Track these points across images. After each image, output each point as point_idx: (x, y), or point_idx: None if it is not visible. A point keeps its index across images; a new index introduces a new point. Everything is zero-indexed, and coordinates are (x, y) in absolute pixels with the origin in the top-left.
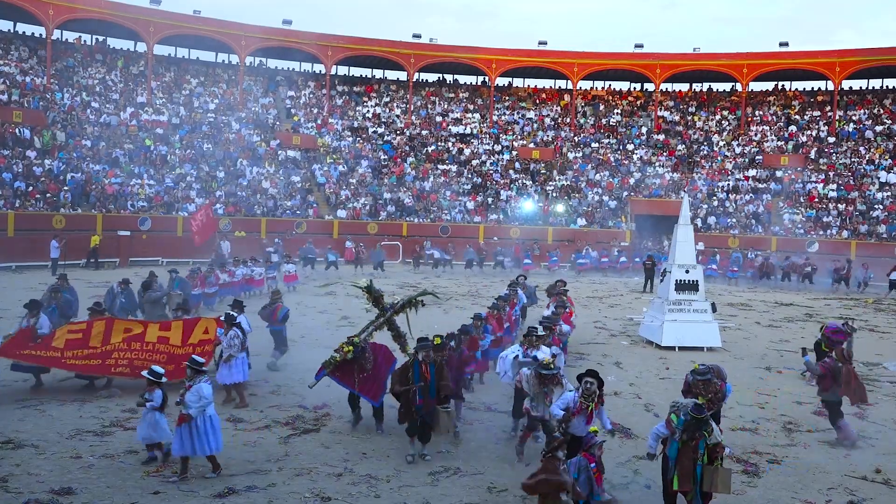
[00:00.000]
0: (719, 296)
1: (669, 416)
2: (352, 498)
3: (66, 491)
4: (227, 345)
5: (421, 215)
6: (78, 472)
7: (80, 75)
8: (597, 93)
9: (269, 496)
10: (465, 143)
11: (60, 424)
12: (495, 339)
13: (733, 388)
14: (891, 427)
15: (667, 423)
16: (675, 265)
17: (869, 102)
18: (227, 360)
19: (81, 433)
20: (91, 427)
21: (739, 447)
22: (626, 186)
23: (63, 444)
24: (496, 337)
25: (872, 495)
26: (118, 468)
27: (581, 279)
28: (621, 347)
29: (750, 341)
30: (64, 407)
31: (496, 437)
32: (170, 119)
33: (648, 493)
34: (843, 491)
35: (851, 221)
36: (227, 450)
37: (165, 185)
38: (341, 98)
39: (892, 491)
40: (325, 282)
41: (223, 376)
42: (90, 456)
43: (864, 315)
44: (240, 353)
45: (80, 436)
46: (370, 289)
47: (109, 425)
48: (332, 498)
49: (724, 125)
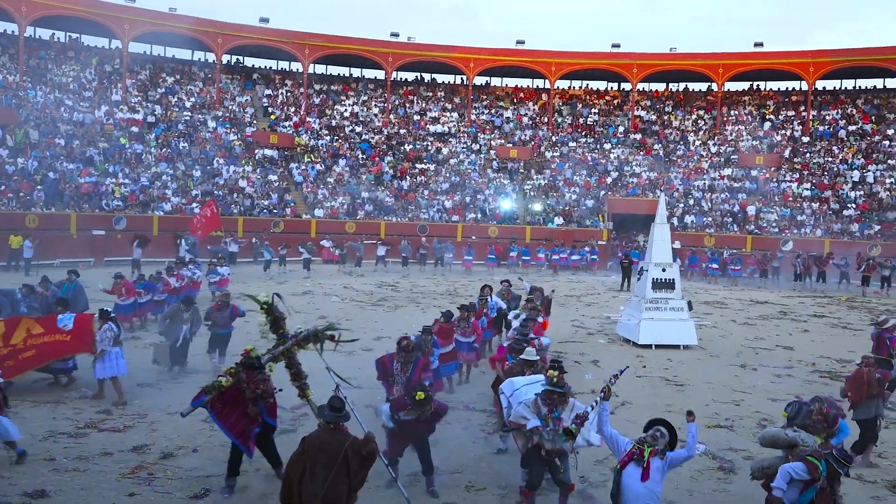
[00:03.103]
0: (695, 294)
1: (807, 459)
2: None
3: (40, 494)
4: (100, 339)
5: (399, 214)
6: (51, 475)
7: (53, 73)
8: (574, 92)
9: (245, 498)
10: (443, 143)
11: (33, 426)
12: (446, 353)
13: (711, 386)
14: None
15: (809, 468)
16: (651, 264)
17: (842, 102)
18: (99, 354)
19: (55, 435)
20: (65, 429)
21: (715, 444)
22: (603, 185)
23: (36, 446)
24: (446, 351)
25: (845, 490)
26: (93, 470)
27: (558, 278)
28: (598, 346)
29: (725, 339)
30: (37, 409)
31: (474, 436)
32: (145, 117)
33: None
34: None
35: (825, 220)
36: (203, 451)
37: (141, 184)
38: (319, 97)
39: (865, 486)
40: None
41: (98, 371)
42: (64, 458)
43: (837, 313)
44: (113, 348)
45: (54, 437)
46: (270, 308)
47: (84, 427)
48: None
49: (700, 125)
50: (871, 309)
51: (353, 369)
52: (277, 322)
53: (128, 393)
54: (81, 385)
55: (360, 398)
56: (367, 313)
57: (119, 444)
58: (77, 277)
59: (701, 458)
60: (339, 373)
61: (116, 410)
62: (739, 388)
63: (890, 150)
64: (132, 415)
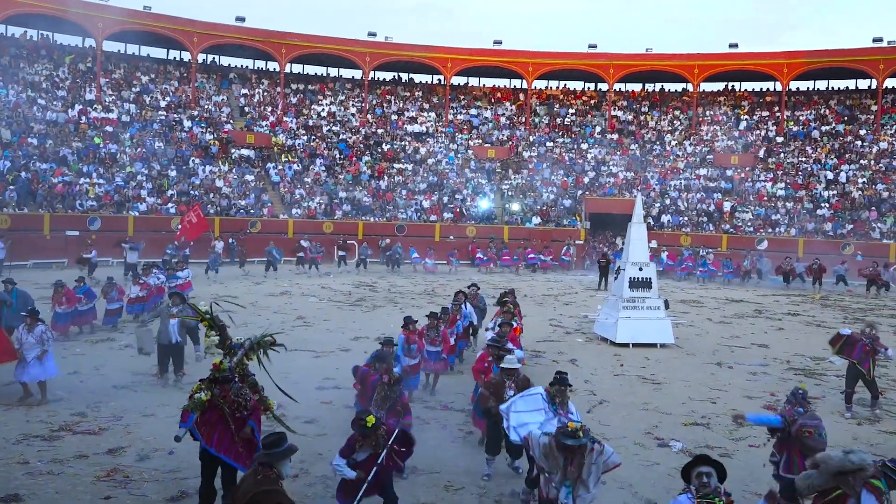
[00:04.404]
0: (672, 293)
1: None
2: (308, 499)
3: (13, 498)
4: (39, 339)
5: (377, 214)
6: (25, 478)
7: (25, 71)
8: (551, 92)
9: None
10: (421, 142)
11: (6, 430)
12: (411, 365)
13: (688, 384)
14: (837, 419)
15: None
16: (629, 263)
17: (815, 103)
18: (40, 356)
19: (28, 438)
20: (39, 432)
21: (692, 441)
22: (580, 185)
23: (9, 449)
24: (410, 364)
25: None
26: (67, 473)
27: (537, 277)
28: (576, 345)
29: (702, 337)
30: (10, 412)
31: (453, 435)
32: (119, 117)
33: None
34: None
35: (799, 219)
36: (181, 452)
37: (115, 184)
38: (296, 96)
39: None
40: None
41: (37, 373)
42: (38, 461)
43: (811, 311)
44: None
45: (28, 441)
46: (211, 318)
47: (58, 430)
48: None
49: (676, 125)
50: (844, 307)
51: (331, 369)
52: (222, 333)
53: (104, 395)
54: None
55: (338, 398)
56: (346, 313)
57: (94, 446)
58: (13, 286)
59: (678, 455)
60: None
61: (91, 413)
62: (715, 385)
63: (862, 150)
64: (107, 417)
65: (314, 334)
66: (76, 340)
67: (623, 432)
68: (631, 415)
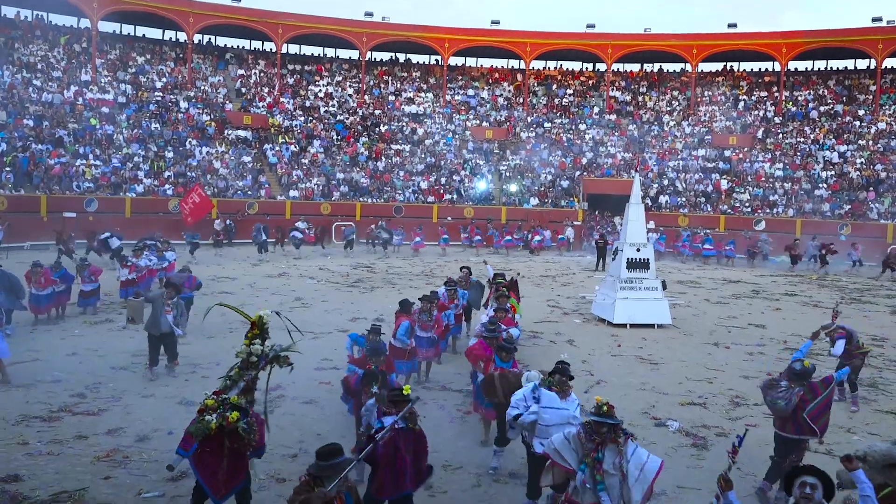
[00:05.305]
0: (669, 274)
1: None
2: None
3: (14, 478)
4: None
5: (374, 196)
6: (25, 459)
7: (20, 52)
8: (549, 73)
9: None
10: (419, 123)
11: (6, 411)
12: (409, 349)
13: (685, 365)
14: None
15: None
16: (626, 244)
17: (814, 83)
18: None
19: (28, 419)
20: (38, 413)
21: (689, 421)
22: (578, 166)
23: (9, 430)
24: (410, 347)
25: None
26: (67, 454)
27: (534, 258)
28: (574, 325)
29: (699, 318)
30: (8, 393)
31: (451, 415)
32: (115, 98)
33: None
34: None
35: (797, 200)
36: (179, 433)
37: (112, 166)
38: (292, 77)
39: (834, 460)
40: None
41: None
42: (38, 442)
43: (808, 291)
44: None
45: (27, 422)
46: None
47: (57, 410)
48: (287, 479)
49: (674, 105)
50: (841, 288)
51: (329, 350)
52: (263, 335)
53: (102, 376)
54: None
55: (337, 379)
56: (343, 294)
57: (93, 427)
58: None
59: (674, 434)
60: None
61: (90, 394)
62: (712, 365)
63: (860, 130)
64: (106, 398)
65: (312, 315)
66: (74, 322)
67: (620, 412)
68: (628, 395)
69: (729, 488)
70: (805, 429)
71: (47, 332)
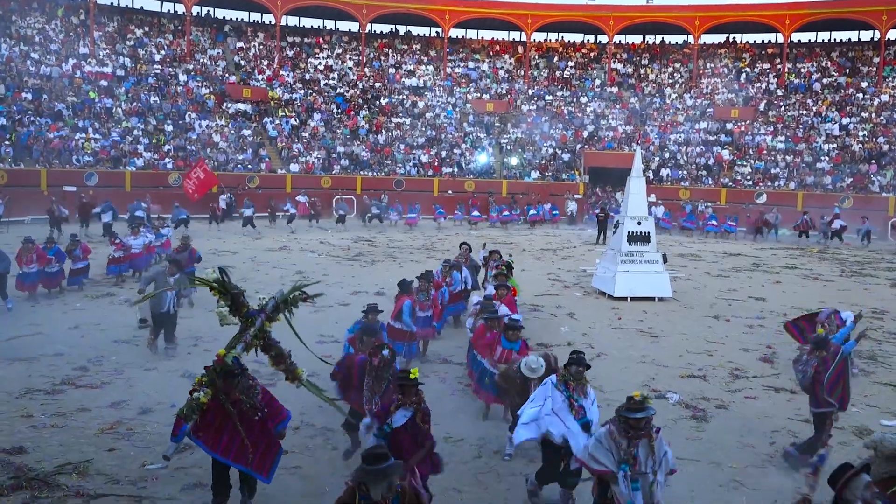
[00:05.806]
0: (670, 247)
1: None
2: (309, 451)
3: (18, 450)
4: None
5: (375, 169)
6: (29, 431)
7: (17, 25)
8: (550, 45)
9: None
10: (419, 96)
11: (9, 384)
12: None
13: (685, 337)
14: None
15: None
16: (627, 217)
17: (817, 55)
18: None
19: (32, 392)
20: (41, 386)
21: (689, 394)
22: (579, 139)
23: (13, 403)
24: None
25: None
26: (71, 426)
27: (535, 232)
28: (574, 299)
29: (699, 291)
30: (12, 366)
31: (452, 388)
32: (114, 71)
33: None
34: (786, 434)
35: (798, 173)
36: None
37: (112, 140)
38: (292, 49)
39: (835, 433)
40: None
41: None
42: (42, 415)
43: (809, 264)
44: None
45: (31, 395)
46: (222, 285)
47: (60, 383)
48: (289, 451)
49: (676, 78)
50: (841, 261)
51: (330, 323)
52: (236, 300)
53: (105, 349)
54: None
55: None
56: (344, 268)
57: (97, 400)
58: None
59: (674, 406)
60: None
61: (93, 367)
62: (712, 338)
63: (863, 102)
64: (109, 371)
65: (312, 289)
66: (75, 296)
67: (620, 385)
68: (628, 367)
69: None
70: (822, 401)
71: (49, 306)
